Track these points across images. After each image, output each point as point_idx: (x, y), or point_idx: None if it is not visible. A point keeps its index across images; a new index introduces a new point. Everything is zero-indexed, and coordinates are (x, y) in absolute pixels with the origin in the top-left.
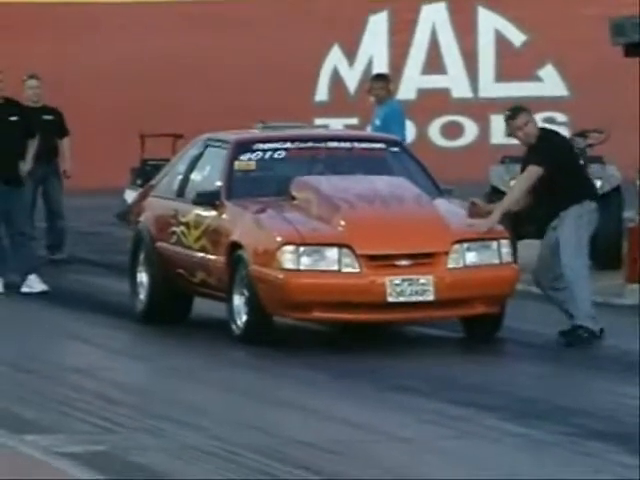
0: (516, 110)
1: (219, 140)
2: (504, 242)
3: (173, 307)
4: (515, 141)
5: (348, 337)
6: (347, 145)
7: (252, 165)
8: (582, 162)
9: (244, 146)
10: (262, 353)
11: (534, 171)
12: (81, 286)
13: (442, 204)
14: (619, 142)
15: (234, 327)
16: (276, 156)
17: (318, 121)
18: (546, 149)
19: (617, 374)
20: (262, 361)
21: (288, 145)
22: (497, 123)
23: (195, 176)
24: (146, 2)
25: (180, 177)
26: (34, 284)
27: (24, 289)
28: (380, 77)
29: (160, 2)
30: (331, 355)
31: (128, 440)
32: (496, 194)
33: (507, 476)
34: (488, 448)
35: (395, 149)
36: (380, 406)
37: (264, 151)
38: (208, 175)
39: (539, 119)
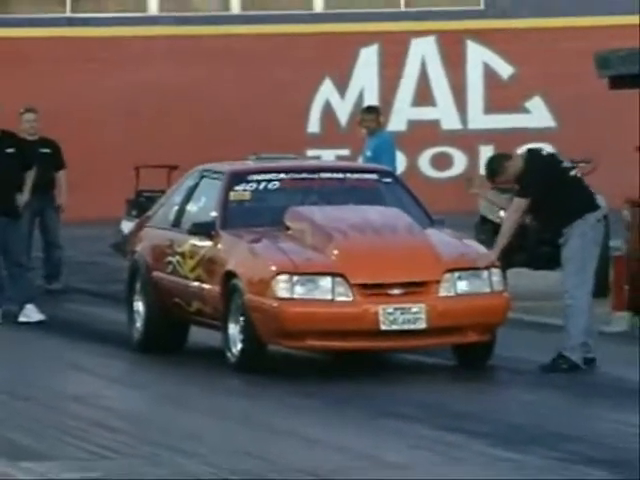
0: (494, 167)
1: (214, 171)
2: (495, 271)
3: (169, 336)
4: None
5: (341, 365)
6: (340, 176)
7: (247, 195)
8: (578, 175)
9: (239, 177)
10: (257, 381)
11: (519, 203)
12: (78, 315)
13: (434, 234)
14: (605, 172)
15: (229, 355)
16: (270, 187)
17: (310, 152)
18: (530, 177)
19: (608, 401)
20: (257, 389)
21: (282, 176)
22: (486, 154)
23: (191, 207)
24: (141, 36)
25: (176, 208)
26: (31, 314)
27: (21, 318)
28: (370, 109)
29: (154, 36)
30: (324, 382)
31: (123, 467)
32: (485, 224)
33: None
34: (479, 474)
35: (387, 180)
36: (373, 432)
37: (258, 182)
38: (203, 205)
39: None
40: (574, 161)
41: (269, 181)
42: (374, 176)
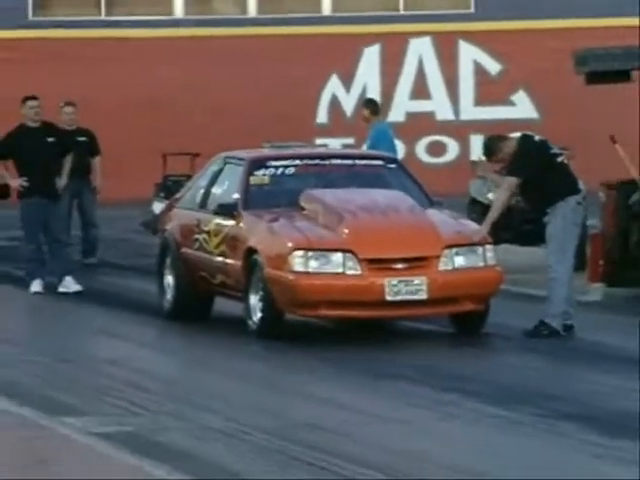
0: (490, 146)
1: (236, 158)
2: (489, 247)
3: (196, 306)
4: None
5: (350, 332)
6: (349, 162)
7: (266, 180)
8: (565, 161)
9: (258, 163)
10: (275, 346)
11: (511, 181)
12: (112, 287)
13: (434, 214)
14: (583, 158)
15: (250, 323)
16: (287, 172)
17: (319, 141)
18: (522, 159)
19: (585, 363)
20: (274, 353)
21: (297, 162)
22: (476, 142)
23: (215, 190)
24: (167, 37)
25: (202, 191)
26: (70, 285)
27: (61, 289)
28: (365, 102)
29: (179, 37)
30: (335, 348)
31: (153, 422)
32: (475, 205)
33: (487, 452)
34: (471, 428)
35: (391, 165)
36: (376, 392)
37: (276, 167)
38: (227, 189)
39: None
40: None
41: (286, 167)
42: (379, 162)
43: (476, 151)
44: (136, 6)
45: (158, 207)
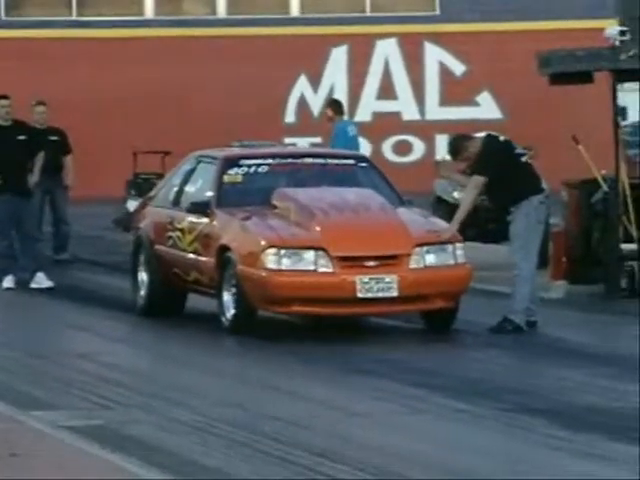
0: (456, 145)
1: (210, 157)
2: (459, 245)
3: (170, 302)
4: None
5: (322, 328)
6: (321, 161)
7: (239, 178)
8: (528, 161)
9: (232, 162)
10: (247, 342)
11: (478, 180)
12: (83, 283)
13: (404, 212)
14: (546, 158)
15: (223, 319)
16: (260, 170)
17: (287, 140)
18: (488, 158)
19: (548, 359)
20: (246, 349)
21: (270, 161)
22: (441, 142)
23: (189, 188)
24: (137, 37)
25: (175, 189)
26: (42, 281)
27: (33, 285)
28: (330, 102)
29: (149, 37)
30: (305, 343)
31: (123, 415)
32: (440, 204)
33: (451, 445)
34: (436, 422)
35: (363, 164)
36: (344, 387)
37: (249, 166)
38: (200, 187)
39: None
40: None
41: (259, 165)
42: (351, 161)
43: (441, 150)
44: (107, 7)
45: (132, 205)
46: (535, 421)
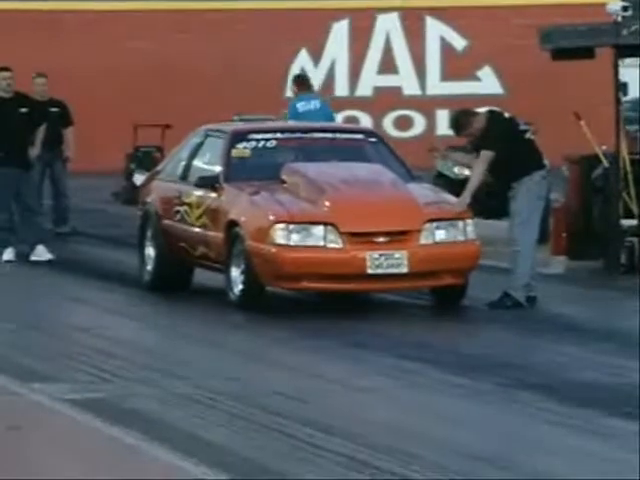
0: (460, 121)
1: (218, 131)
2: (469, 221)
3: (176, 277)
4: None
5: (328, 304)
6: (330, 136)
7: (247, 153)
8: (531, 137)
9: (240, 136)
10: (253, 317)
11: (487, 155)
12: (83, 255)
13: (414, 188)
14: (547, 133)
15: (231, 295)
16: (268, 145)
17: None
18: (495, 133)
19: (547, 334)
20: (250, 323)
21: (279, 135)
22: (442, 117)
23: (197, 162)
24: (140, 10)
25: (183, 163)
26: (42, 253)
27: (33, 258)
28: (294, 78)
29: (152, 10)
30: (310, 319)
31: (123, 389)
32: (440, 178)
33: (450, 420)
34: (434, 397)
35: (372, 139)
36: (346, 361)
37: (258, 140)
38: (208, 161)
39: None
40: None
41: (267, 140)
42: (360, 136)
43: (442, 126)
44: None
45: (139, 179)
46: (533, 396)
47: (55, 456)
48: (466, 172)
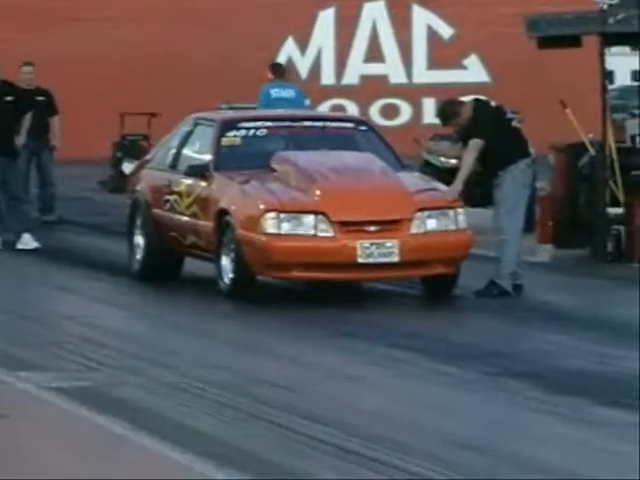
0: (448, 111)
1: (208, 119)
2: (460, 210)
3: (166, 266)
4: None
5: (319, 293)
6: (320, 124)
7: (237, 141)
8: (518, 125)
9: (230, 124)
10: (241, 306)
11: (477, 143)
12: (69, 244)
13: (405, 177)
14: (534, 122)
15: (221, 284)
16: (258, 133)
17: None
18: (483, 121)
19: (534, 323)
20: (240, 312)
21: (269, 124)
22: (428, 105)
23: (186, 151)
24: None
25: (173, 151)
26: (28, 242)
27: (19, 246)
28: (269, 66)
29: None
30: (300, 308)
31: (110, 377)
32: (427, 166)
33: (438, 408)
34: (422, 385)
35: (363, 128)
36: (335, 350)
37: (248, 129)
38: (198, 150)
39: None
40: None
41: (257, 128)
42: (350, 124)
43: (428, 114)
44: None
45: (128, 167)
46: (520, 385)
47: (42, 444)
48: (452, 161)
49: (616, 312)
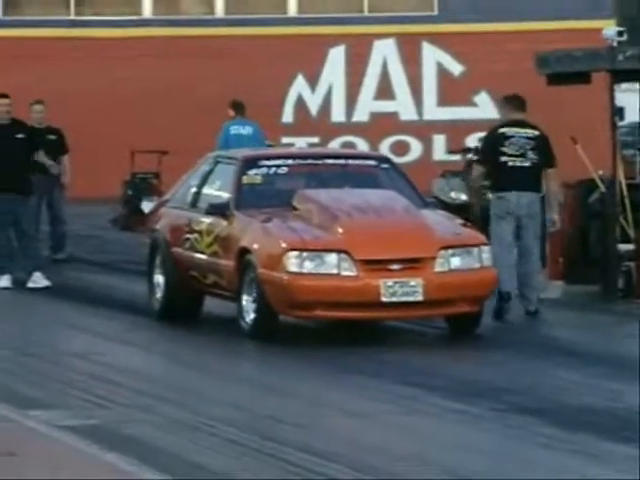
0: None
1: (228, 157)
2: (484, 248)
3: (186, 306)
4: (453, 157)
5: (338, 333)
6: (342, 162)
7: (258, 179)
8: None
9: (251, 162)
10: (262, 346)
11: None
12: (80, 282)
13: (428, 214)
14: None
15: (243, 324)
16: (279, 171)
17: (284, 140)
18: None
19: (545, 359)
20: (259, 352)
21: (290, 162)
22: (439, 142)
23: (207, 189)
24: (136, 37)
25: (193, 190)
26: (39, 280)
27: (30, 285)
28: (230, 103)
29: (148, 37)
30: (320, 346)
31: (120, 415)
32: (438, 203)
33: (447, 445)
34: (431, 422)
35: (385, 165)
36: (344, 387)
37: (269, 167)
38: (219, 188)
39: (475, 139)
40: None
41: (278, 166)
42: (372, 162)
43: (438, 151)
44: (105, 6)
45: (147, 206)
46: (531, 421)
47: None
48: (462, 197)
49: (627, 348)
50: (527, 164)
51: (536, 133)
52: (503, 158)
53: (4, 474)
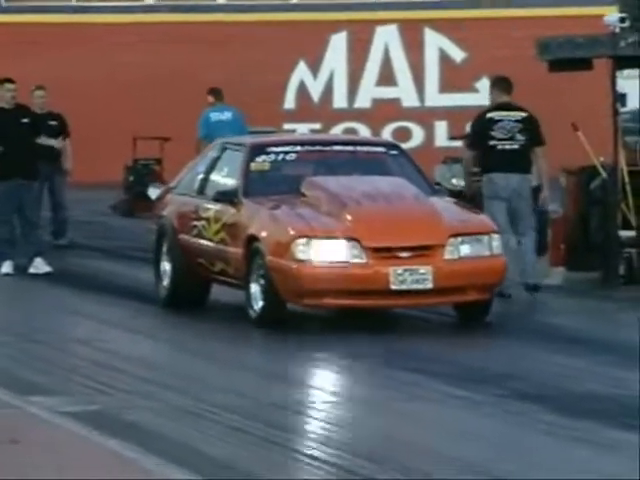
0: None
1: (236, 144)
2: (494, 236)
3: (193, 293)
4: (455, 144)
5: (345, 320)
6: (350, 149)
7: (266, 166)
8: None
9: (259, 149)
10: (270, 334)
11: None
12: (81, 268)
13: (438, 202)
14: (546, 144)
15: (251, 312)
16: (287, 158)
17: (286, 126)
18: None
19: (546, 345)
20: (266, 340)
21: (298, 148)
22: (440, 128)
23: (214, 176)
24: (139, 22)
25: (200, 177)
26: (40, 266)
27: (31, 270)
28: (209, 90)
29: (150, 23)
30: (327, 334)
31: (122, 401)
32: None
33: (449, 432)
34: (434, 408)
35: (393, 152)
36: (349, 374)
37: (277, 154)
38: (226, 175)
39: None
40: None
41: (286, 153)
42: (381, 149)
43: (440, 137)
44: None
45: (154, 193)
46: (532, 408)
47: (52, 469)
48: (462, 183)
49: (628, 335)
50: (516, 146)
51: (524, 115)
52: (492, 142)
53: (5, 460)
